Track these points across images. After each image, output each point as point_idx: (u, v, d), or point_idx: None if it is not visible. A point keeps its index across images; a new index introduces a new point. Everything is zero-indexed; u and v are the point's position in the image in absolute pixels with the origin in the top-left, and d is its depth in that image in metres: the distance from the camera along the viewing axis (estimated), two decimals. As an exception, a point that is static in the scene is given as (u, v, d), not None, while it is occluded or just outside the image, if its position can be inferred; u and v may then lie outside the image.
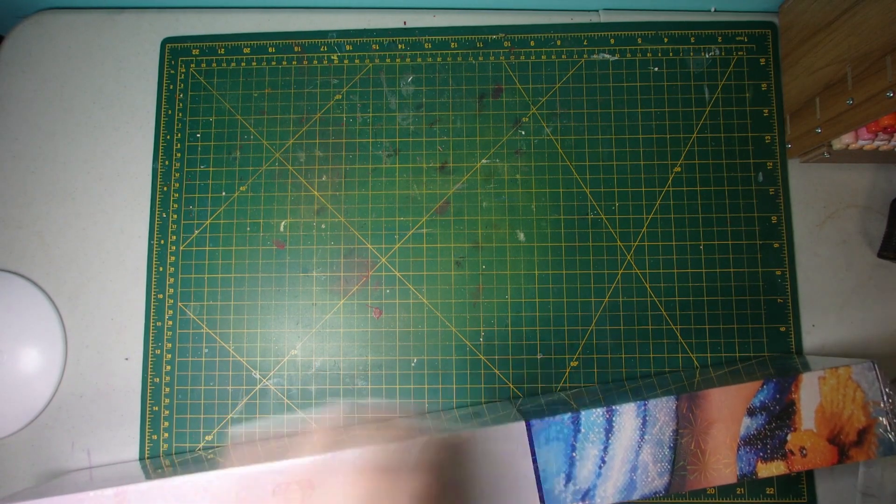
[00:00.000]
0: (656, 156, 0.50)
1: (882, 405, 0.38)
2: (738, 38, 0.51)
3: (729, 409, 0.38)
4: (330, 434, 0.40)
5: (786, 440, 0.38)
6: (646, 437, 0.38)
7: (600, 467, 0.38)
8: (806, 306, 0.49)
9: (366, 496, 0.36)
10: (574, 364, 0.48)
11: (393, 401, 0.48)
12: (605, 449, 0.38)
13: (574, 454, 0.37)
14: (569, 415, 0.38)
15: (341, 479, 0.37)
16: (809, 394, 0.38)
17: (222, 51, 0.53)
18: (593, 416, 0.38)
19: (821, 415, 0.38)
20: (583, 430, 0.38)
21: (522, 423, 0.37)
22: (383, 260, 0.50)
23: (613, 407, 0.38)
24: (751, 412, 0.38)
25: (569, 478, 0.37)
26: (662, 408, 0.38)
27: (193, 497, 0.37)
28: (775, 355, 0.47)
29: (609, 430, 0.38)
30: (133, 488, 0.37)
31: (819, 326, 0.49)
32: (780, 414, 0.38)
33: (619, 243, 0.50)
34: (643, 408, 0.38)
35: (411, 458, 0.37)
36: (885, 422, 0.38)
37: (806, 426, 0.38)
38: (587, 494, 0.37)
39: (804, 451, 0.38)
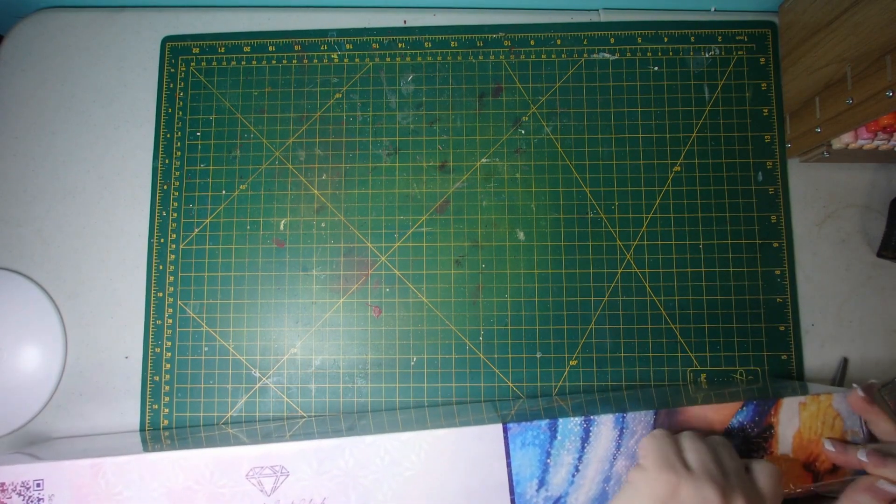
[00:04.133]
0: (656, 155, 0.50)
1: (861, 434, 0.38)
2: (737, 38, 0.51)
3: (707, 428, 0.38)
4: None
5: None
6: (621, 448, 0.37)
7: (574, 475, 0.37)
8: (805, 306, 0.49)
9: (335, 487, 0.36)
10: (573, 363, 0.48)
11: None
12: (580, 458, 0.37)
13: (549, 460, 0.37)
14: (546, 421, 0.37)
15: (316, 466, 0.37)
16: (788, 418, 0.38)
17: (222, 49, 0.53)
18: (570, 424, 0.37)
19: (798, 440, 0.38)
20: (559, 437, 0.37)
21: (499, 426, 0.37)
22: (383, 259, 0.50)
23: (591, 417, 0.38)
24: (728, 432, 0.38)
25: (541, 483, 0.37)
26: (640, 421, 0.38)
27: (168, 473, 0.37)
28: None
29: (585, 439, 0.37)
30: (110, 461, 0.37)
31: (818, 326, 0.49)
32: (757, 436, 0.38)
33: (618, 243, 0.50)
34: (622, 419, 0.38)
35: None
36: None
37: (782, 451, 0.38)
38: (559, 501, 0.37)
39: None
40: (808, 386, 0.44)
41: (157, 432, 0.48)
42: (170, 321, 0.50)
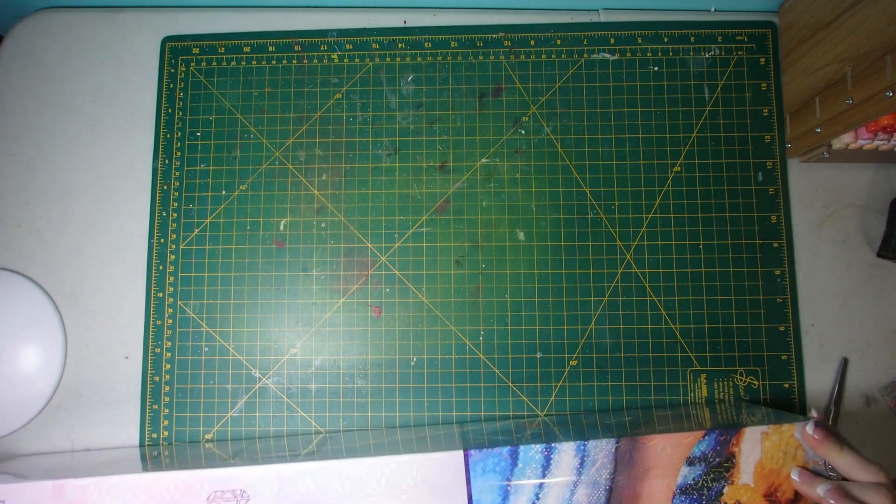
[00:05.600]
0: (656, 155, 0.50)
1: (822, 465, 0.38)
2: (738, 38, 0.51)
3: (668, 456, 0.38)
4: None
5: (721, 492, 0.38)
6: (582, 477, 0.37)
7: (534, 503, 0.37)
8: (805, 306, 0.49)
9: None
10: (573, 363, 0.48)
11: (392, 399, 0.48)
12: (541, 486, 0.37)
13: (509, 488, 0.37)
14: (507, 448, 0.37)
15: (277, 491, 0.37)
16: (750, 448, 0.38)
17: (222, 50, 0.53)
18: (531, 452, 0.37)
19: (760, 470, 0.38)
20: (520, 465, 0.37)
21: (460, 452, 0.37)
22: (383, 259, 0.50)
23: (552, 444, 0.37)
24: (690, 461, 0.38)
25: None
26: (602, 449, 0.37)
27: (128, 496, 0.37)
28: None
29: (546, 466, 0.37)
30: (71, 483, 0.37)
31: (818, 326, 0.49)
32: (718, 465, 0.38)
33: (618, 243, 0.50)
34: (583, 447, 0.37)
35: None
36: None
37: (743, 480, 0.38)
38: None
39: None
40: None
41: (158, 441, 0.48)
42: (170, 321, 0.50)
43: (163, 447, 0.48)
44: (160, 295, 0.50)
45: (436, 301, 0.49)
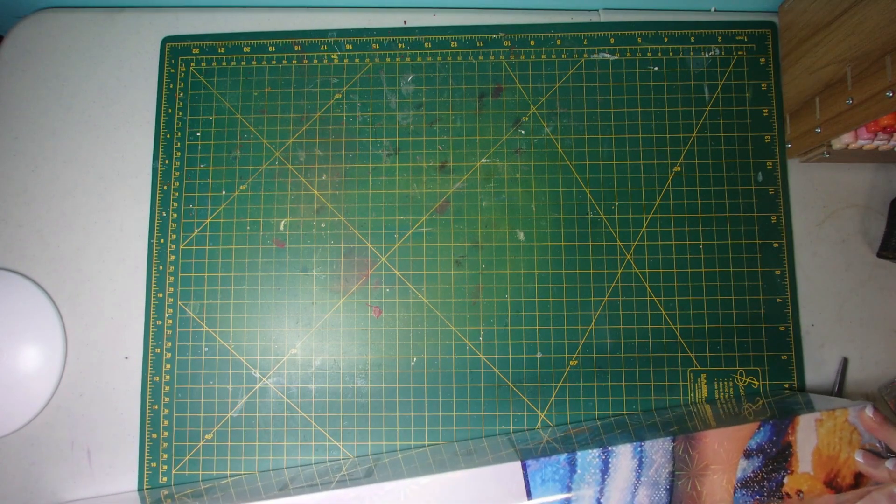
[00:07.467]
0: (656, 155, 0.50)
1: (879, 447, 0.38)
2: (738, 38, 0.51)
3: (726, 451, 0.38)
4: None
5: (782, 483, 0.38)
6: (642, 478, 0.37)
7: None
8: (805, 306, 0.49)
9: None
10: (573, 363, 0.48)
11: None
12: (601, 490, 0.37)
13: (570, 496, 0.37)
14: (565, 455, 0.37)
15: None
16: (806, 436, 0.38)
17: (222, 50, 0.53)
18: (589, 457, 0.37)
19: (817, 457, 0.38)
20: (579, 471, 0.37)
21: (518, 464, 0.37)
22: (383, 259, 0.50)
23: (609, 448, 0.37)
24: (747, 454, 0.38)
25: None
26: (659, 449, 0.37)
27: None
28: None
29: (605, 471, 0.37)
30: None
31: (818, 326, 0.49)
32: (776, 456, 0.38)
33: (618, 243, 0.50)
34: (639, 448, 0.37)
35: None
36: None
37: (803, 469, 0.38)
38: None
39: (801, 494, 0.38)
40: (810, 398, 0.43)
41: (158, 441, 0.48)
42: (170, 321, 0.50)
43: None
44: (160, 295, 0.50)
45: (436, 301, 0.49)
